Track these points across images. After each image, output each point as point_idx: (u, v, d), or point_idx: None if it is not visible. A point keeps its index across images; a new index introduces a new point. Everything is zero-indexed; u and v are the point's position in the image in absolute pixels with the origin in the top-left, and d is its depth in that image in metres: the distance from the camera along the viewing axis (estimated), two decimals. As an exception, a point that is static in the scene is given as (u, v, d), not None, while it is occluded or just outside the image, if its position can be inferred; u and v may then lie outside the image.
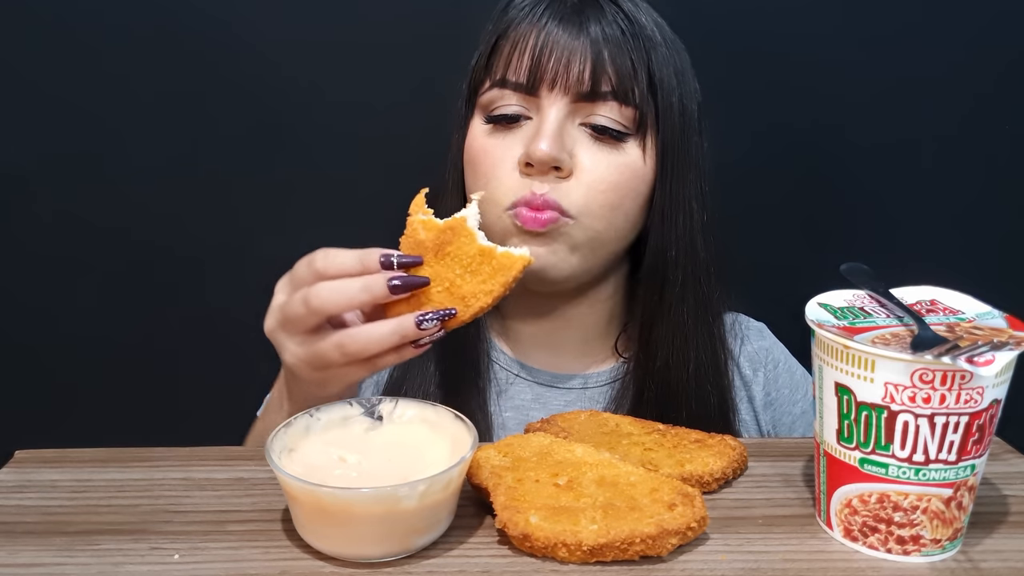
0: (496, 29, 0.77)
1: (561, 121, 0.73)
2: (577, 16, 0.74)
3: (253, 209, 1.07)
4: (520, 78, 0.74)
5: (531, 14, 0.75)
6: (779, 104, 1.05)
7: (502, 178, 0.75)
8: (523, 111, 0.75)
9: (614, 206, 0.75)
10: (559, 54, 0.73)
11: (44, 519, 0.55)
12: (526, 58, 0.74)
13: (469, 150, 0.78)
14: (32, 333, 1.09)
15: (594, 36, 0.73)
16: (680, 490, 0.53)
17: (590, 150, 0.74)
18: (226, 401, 1.07)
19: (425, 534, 0.51)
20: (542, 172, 0.73)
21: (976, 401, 0.48)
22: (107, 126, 1.04)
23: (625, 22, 0.74)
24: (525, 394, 0.84)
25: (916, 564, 0.51)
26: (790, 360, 0.90)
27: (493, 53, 0.77)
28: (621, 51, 0.73)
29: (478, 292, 0.60)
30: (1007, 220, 1.08)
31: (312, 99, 1.04)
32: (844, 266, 0.62)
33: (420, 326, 0.59)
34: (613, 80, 0.73)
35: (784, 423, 0.86)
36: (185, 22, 1.01)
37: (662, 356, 0.78)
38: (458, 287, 0.61)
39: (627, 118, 0.74)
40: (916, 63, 1.03)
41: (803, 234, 1.08)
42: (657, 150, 0.76)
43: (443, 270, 0.61)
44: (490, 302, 0.61)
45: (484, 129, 0.77)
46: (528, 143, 0.73)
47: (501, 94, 0.76)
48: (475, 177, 0.77)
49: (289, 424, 0.56)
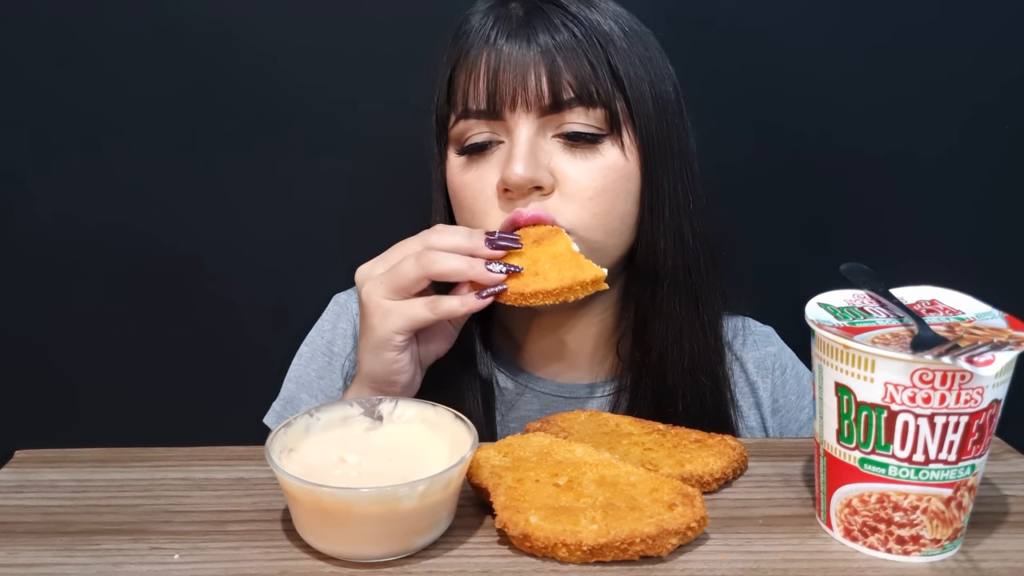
0: (449, 61, 0.77)
1: (531, 139, 0.72)
2: (524, 30, 0.73)
3: (253, 209, 1.06)
4: (480, 105, 0.73)
5: (478, 38, 0.74)
6: (780, 105, 1.05)
7: (486, 209, 0.74)
8: (493, 136, 0.75)
9: (606, 211, 0.74)
10: (513, 72, 0.72)
11: (44, 519, 0.55)
12: (482, 84, 0.73)
13: (451, 187, 0.78)
14: (32, 333, 1.09)
15: (545, 46, 0.72)
16: (680, 490, 0.53)
17: (568, 160, 0.73)
18: (226, 401, 1.07)
19: (425, 534, 0.51)
20: (523, 195, 0.72)
21: (976, 401, 0.48)
22: (107, 126, 1.04)
23: (575, 25, 0.73)
24: (532, 406, 0.84)
25: (916, 564, 0.51)
26: (798, 365, 0.89)
27: (451, 86, 0.76)
28: (575, 54, 0.72)
29: (552, 277, 0.66)
30: (1007, 220, 1.08)
31: (312, 99, 1.04)
32: (844, 266, 0.62)
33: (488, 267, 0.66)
34: (573, 85, 0.72)
35: (791, 429, 0.86)
36: (185, 22, 1.01)
37: (657, 349, 0.78)
38: (539, 265, 0.67)
39: (597, 119, 0.73)
40: (917, 64, 1.03)
41: (803, 234, 1.08)
42: (637, 143, 0.75)
43: (534, 253, 0.68)
44: (555, 287, 0.66)
45: (460, 162, 0.77)
46: (503, 168, 0.72)
47: (468, 125, 0.75)
48: (460, 212, 0.77)
49: (289, 424, 0.56)
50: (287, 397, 0.88)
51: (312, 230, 1.07)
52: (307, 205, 1.06)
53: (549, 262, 0.67)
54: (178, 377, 1.10)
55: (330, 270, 0.92)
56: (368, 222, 1.01)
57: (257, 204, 1.06)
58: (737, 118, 1.04)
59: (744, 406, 0.84)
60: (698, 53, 0.82)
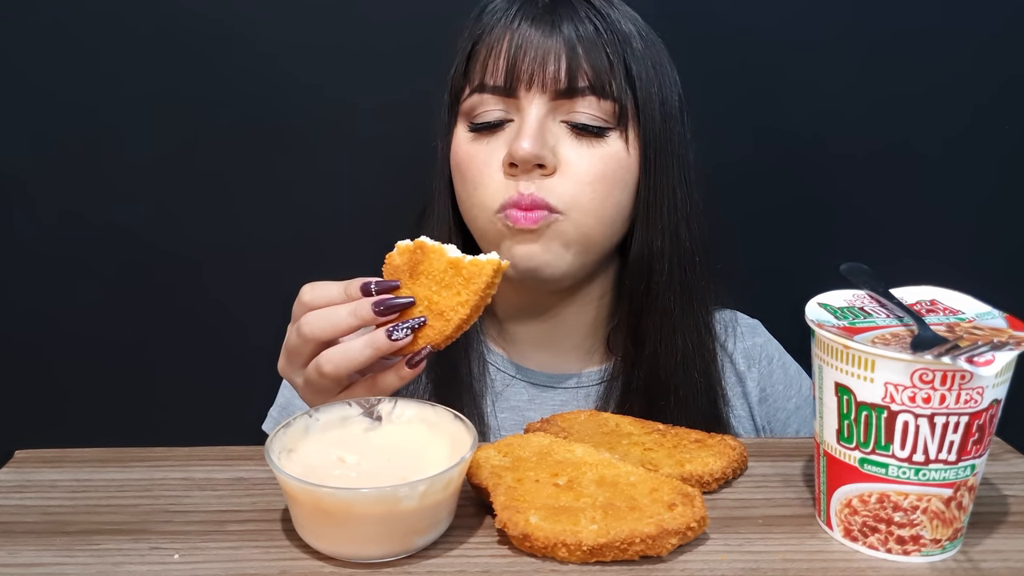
0: (471, 36, 0.78)
1: (542, 119, 0.74)
2: (549, 16, 0.75)
3: (253, 209, 1.06)
4: (498, 81, 0.75)
5: (504, 18, 0.76)
6: (780, 104, 1.05)
7: (488, 183, 0.75)
8: (504, 115, 0.76)
9: (603, 197, 0.75)
10: (534, 54, 0.74)
11: (44, 519, 0.55)
12: (502, 61, 0.75)
13: (455, 157, 0.79)
14: (32, 333, 1.09)
15: (567, 35, 0.74)
16: (680, 490, 0.53)
17: (572, 146, 0.75)
18: (226, 401, 1.07)
19: (425, 534, 0.51)
20: (526, 171, 0.74)
21: (976, 401, 0.48)
22: (107, 126, 1.04)
23: (599, 19, 0.75)
24: (521, 395, 0.85)
25: (916, 564, 0.51)
26: (784, 356, 0.90)
27: (470, 60, 0.78)
28: (596, 47, 0.74)
29: (454, 305, 0.60)
30: (1007, 220, 1.08)
31: (313, 98, 1.04)
32: (844, 266, 0.62)
33: (391, 336, 0.60)
34: (589, 75, 0.74)
35: (779, 419, 0.87)
36: (185, 22, 1.01)
37: (650, 345, 0.79)
38: (436, 303, 0.60)
39: (606, 112, 0.75)
40: (918, 64, 1.03)
41: (803, 234, 1.08)
42: (639, 141, 0.77)
43: (420, 289, 0.61)
44: (467, 312, 0.60)
45: (468, 136, 0.78)
46: (511, 143, 0.74)
47: (481, 99, 0.76)
48: (463, 184, 0.78)
49: (288, 425, 0.56)
50: (283, 403, 0.89)
51: (313, 230, 1.07)
52: (308, 205, 1.06)
53: (440, 291, 0.61)
54: (178, 377, 1.10)
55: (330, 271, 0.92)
56: (369, 222, 1.01)
57: (258, 204, 1.06)
58: (737, 117, 1.04)
59: (731, 396, 0.85)
60: (699, 54, 0.82)
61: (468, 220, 0.80)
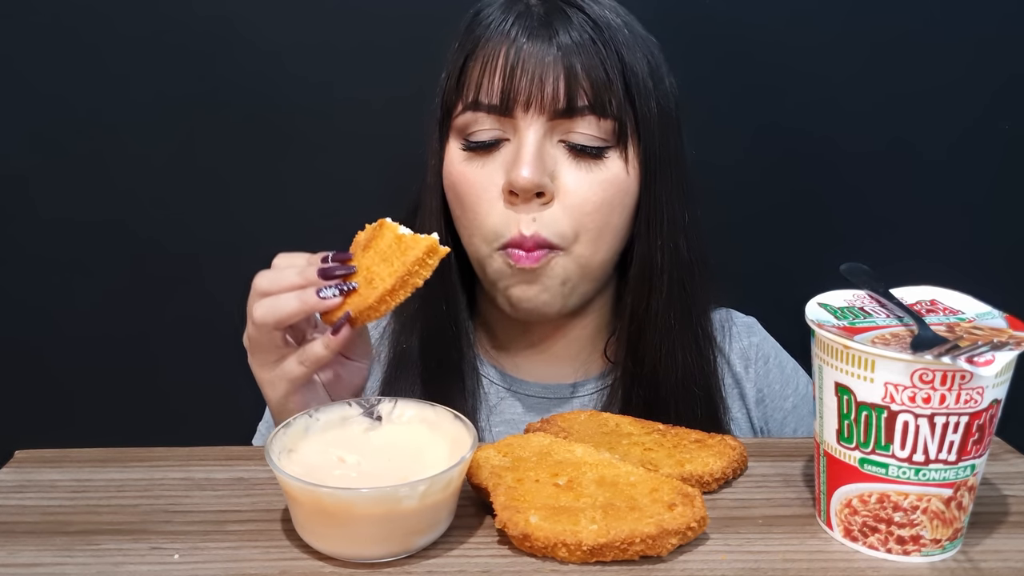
0: (464, 48, 0.75)
1: (539, 143, 0.72)
2: (546, 29, 0.72)
3: (253, 209, 1.06)
4: (493, 100, 0.72)
5: (499, 30, 0.73)
6: (779, 104, 1.05)
7: (489, 211, 0.74)
8: (500, 134, 0.74)
9: (601, 227, 0.74)
10: (532, 72, 0.71)
11: (44, 519, 0.55)
12: (497, 79, 0.72)
13: (449, 177, 0.77)
14: (32, 333, 1.09)
15: (565, 48, 0.71)
16: (680, 490, 0.53)
17: (571, 169, 0.73)
18: (226, 401, 1.07)
19: (425, 534, 0.51)
20: (525, 200, 0.72)
21: (976, 401, 0.48)
22: (107, 125, 1.04)
23: (593, 28, 0.72)
24: (515, 408, 0.84)
25: (916, 564, 0.51)
26: (780, 354, 0.89)
27: (463, 73, 0.75)
28: (593, 60, 0.72)
29: (384, 276, 0.62)
30: (1007, 220, 1.08)
31: (313, 98, 1.04)
32: (844, 266, 0.62)
33: (319, 293, 0.63)
34: (588, 94, 0.72)
35: (776, 419, 0.86)
36: (184, 22, 1.01)
37: (650, 362, 0.78)
38: (373, 274, 0.63)
39: (605, 131, 0.73)
40: (918, 64, 1.03)
41: (803, 234, 1.08)
42: (640, 158, 0.75)
43: (365, 261, 0.64)
44: (391, 283, 0.61)
45: (462, 156, 0.76)
46: (509, 169, 0.72)
47: (475, 117, 0.74)
48: (461, 208, 0.76)
49: (288, 425, 0.56)
50: (270, 419, 0.88)
51: (313, 230, 1.06)
52: (309, 204, 1.06)
53: (379, 263, 0.63)
54: (178, 377, 1.10)
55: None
56: (369, 221, 1.01)
57: (258, 204, 1.06)
58: (736, 117, 1.04)
59: (729, 400, 0.84)
60: (698, 53, 0.82)
61: (465, 242, 0.78)
